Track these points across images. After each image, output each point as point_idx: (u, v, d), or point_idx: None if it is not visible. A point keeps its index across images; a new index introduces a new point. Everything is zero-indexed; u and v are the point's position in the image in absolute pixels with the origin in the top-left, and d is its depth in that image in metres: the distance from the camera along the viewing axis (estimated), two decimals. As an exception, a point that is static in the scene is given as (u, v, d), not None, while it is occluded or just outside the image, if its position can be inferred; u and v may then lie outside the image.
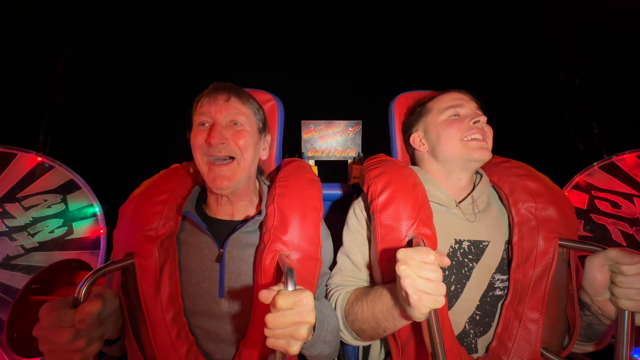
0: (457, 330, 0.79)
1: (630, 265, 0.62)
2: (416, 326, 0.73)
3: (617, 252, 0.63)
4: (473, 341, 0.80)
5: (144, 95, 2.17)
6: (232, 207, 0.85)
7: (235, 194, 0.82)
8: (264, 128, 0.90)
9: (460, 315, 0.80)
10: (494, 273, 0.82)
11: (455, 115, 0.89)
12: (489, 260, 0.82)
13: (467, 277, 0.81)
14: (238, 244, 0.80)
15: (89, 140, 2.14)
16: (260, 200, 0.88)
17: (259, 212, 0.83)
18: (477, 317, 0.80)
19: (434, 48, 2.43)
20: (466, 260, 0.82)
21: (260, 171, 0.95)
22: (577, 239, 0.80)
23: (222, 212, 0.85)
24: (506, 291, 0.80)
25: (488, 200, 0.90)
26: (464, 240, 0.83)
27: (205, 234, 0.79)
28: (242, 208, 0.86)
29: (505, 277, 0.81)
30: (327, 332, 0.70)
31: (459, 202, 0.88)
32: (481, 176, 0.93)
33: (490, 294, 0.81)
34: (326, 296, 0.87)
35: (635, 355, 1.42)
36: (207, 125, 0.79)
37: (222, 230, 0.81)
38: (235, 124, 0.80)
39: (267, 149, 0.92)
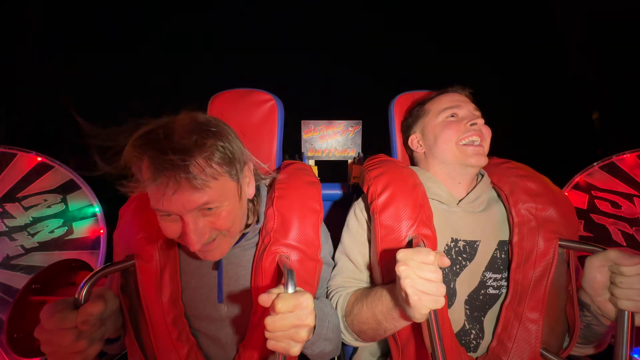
0: (457, 327, 0.80)
1: (630, 267, 0.62)
2: (416, 327, 0.73)
3: (617, 253, 0.64)
4: (474, 341, 0.80)
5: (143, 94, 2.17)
6: None
7: None
8: (239, 164, 0.66)
9: (459, 312, 0.81)
10: (484, 271, 0.82)
11: (452, 117, 0.89)
12: (480, 258, 0.83)
13: (457, 274, 0.82)
14: (235, 255, 0.77)
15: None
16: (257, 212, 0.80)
17: (256, 221, 0.77)
18: (468, 312, 0.81)
19: (434, 48, 2.44)
20: (460, 258, 0.83)
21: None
22: (577, 239, 0.80)
23: None
24: (502, 290, 0.81)
25: (488, 200, 0.90)
26: (460, 239, 0.84)
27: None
28: None
29: (499, 276, 0.82)
30: (328, 330, 0.70)
31: (460, 201, 0.88)
32: (482, 175, 0.93)
33: (482, 291, 0.81)
34: (327, 297, 0.86)
35: (635, 355, 1.42)
36: (172, 216, 0.61)
37: None
38: (208, 209, 0.62)
39: (252, 182, 0.74)
